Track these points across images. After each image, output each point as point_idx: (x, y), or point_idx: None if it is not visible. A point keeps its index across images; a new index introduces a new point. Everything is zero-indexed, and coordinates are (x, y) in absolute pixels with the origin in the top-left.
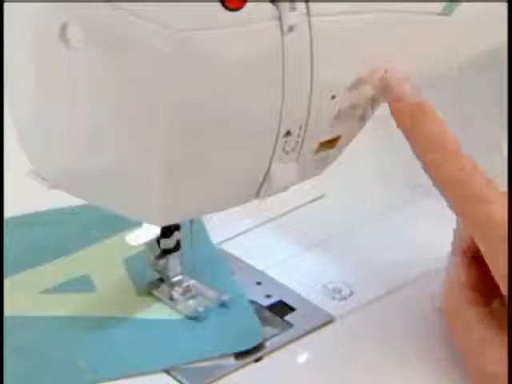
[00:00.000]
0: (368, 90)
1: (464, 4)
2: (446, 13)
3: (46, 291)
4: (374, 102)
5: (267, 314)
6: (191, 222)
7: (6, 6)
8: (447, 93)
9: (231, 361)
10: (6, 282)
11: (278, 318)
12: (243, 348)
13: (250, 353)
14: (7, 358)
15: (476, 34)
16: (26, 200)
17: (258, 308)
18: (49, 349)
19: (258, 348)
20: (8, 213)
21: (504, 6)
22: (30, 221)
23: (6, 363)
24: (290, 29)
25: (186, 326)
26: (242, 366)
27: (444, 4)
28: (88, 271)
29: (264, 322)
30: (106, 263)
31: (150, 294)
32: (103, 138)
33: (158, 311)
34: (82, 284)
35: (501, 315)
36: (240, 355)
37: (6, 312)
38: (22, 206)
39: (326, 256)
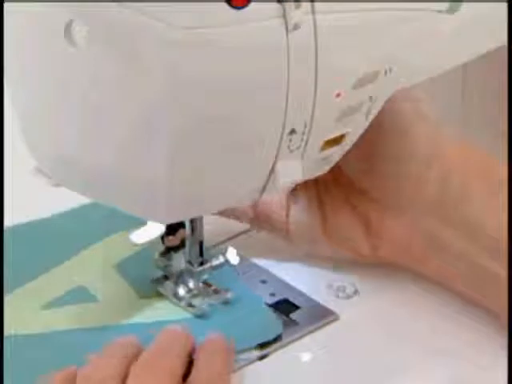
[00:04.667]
0: (372, 88)
1: (467, 3)
2: (450, 11)
3: (47, 306)
4: (378, 100)
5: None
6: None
7: (8, 4)
8: (449, 92)
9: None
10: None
11: (282, 317)
12: (260, 341)
13: (255, 350)
14: (17, 375)
15: (477, 34)
16: (28, 201)
17: None
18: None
19: (262, 346)
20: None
21: (504, 6)
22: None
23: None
24: (295, 27)
25: (191, 324)
26: (247, 364)
27: (448, 2)
28: (82, 282)
29: None
30: (98, 271)
31: (151, 295)
32: (109, 134)
33: (161, 312)
34: (80, 295)
35: None
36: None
37: (11, 331)
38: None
39: None
